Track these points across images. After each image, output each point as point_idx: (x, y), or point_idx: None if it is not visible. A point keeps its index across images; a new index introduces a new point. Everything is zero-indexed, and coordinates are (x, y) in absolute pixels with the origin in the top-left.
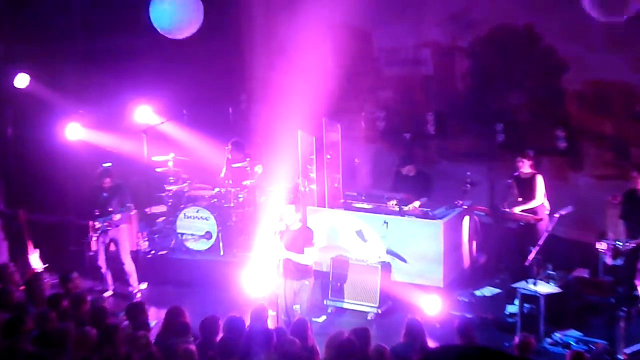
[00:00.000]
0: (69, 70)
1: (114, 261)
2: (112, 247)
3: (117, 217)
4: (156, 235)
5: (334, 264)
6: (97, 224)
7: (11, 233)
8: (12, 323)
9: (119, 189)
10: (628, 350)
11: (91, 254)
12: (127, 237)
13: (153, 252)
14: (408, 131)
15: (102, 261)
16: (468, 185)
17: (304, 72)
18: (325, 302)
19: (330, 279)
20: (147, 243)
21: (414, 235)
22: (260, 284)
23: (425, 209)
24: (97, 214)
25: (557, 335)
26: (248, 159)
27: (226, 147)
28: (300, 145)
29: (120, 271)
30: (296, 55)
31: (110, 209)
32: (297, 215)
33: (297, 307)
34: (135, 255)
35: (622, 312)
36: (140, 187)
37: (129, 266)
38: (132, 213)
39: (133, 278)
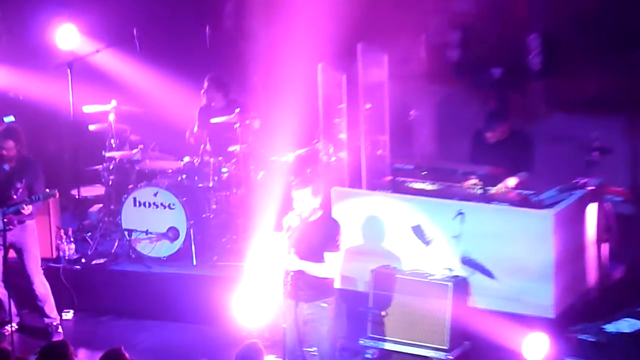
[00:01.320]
0: None
1: (19, 277)
2: (14, 255)
3: (26, 209)
4: (88, 234)
5: (376, 280)
6: None
7: None
8: None
9: (27, 164)
10: None
11: None
12: (36, 239)
13: (83, 260)
14: (498, 66)
15: None
16: (595, 154)
17: None
18: (361, 342)
19: (370, 304)
20: (73, 246)
21: (508, 234)
22: (255, 311)
23: (525, 192)
24: None
25: None
26: (237, 110)
27: (201, 90)
28: (322, 88)
29: (29, 293)
30: None
31: (12, 196)
32: (316, 200)
33: (313, 349)
34: (54, 267)
35: None
36: (63, 156)
37: (41, 285)
38: (51, 198)
39: (49, 304)
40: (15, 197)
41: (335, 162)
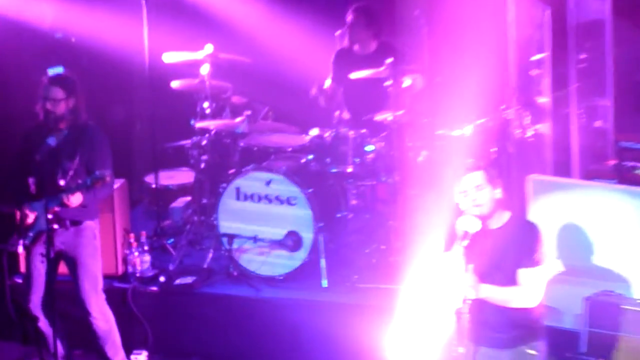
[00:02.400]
0: None
1: (70, 303)
2: (65, 271)
3: (72, 199)
4: (169, 241)
5: (592, 312)
6: (30, 216)
7: None
8: None
9: (84, 133)
10: None
11: (15, 281)
12: (97, 248)
13: (162, 279)
14: None
15: (37, 300)
16: None
17: None
18: None
19: (583, 348)
20: (148, 259)
21: None
22: (414, 357)
23: None
24: (28, 192)
25: None
26: (390, 60)
27: (339, 31)
28: (515, 30)
29: (84, 326)
30: None
31: (60, 181)
32: (496, 194)
33: None
34: (120, 288)
35: None
36: (134, 127)
37: (101, 315)
38: (113, 186)
39: (112, 342)
40: (62, 182)
41: (533, 138)
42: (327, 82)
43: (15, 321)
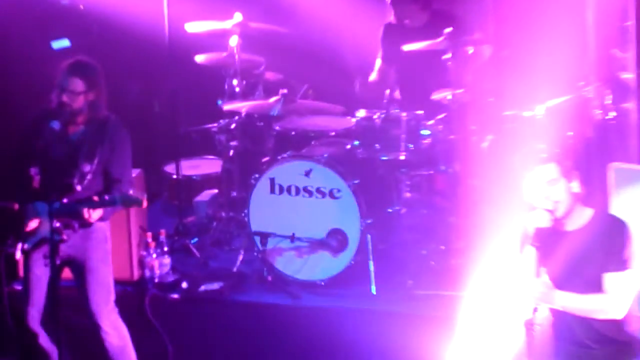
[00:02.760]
0: None
1: (78, 314)
2: (70, 276)
3: (93, 215)
4: (193, 240)
5: None
6: (34, 221)
7: None
8: None
9: (105, 130)
10: None
11: (14, 288)
12: (108, 252)
13: (185, 285)
14: None
15: (37, 314)
16: None
17: None
18: None
19: None
20: (168, 261)
21: None
22: None
23: None
24: (31, 186)
25: None
26: (448, 30)
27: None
28: None
29: (93, 342)
30: None
31: (74, 184)
32: (573, 187)
33: None
34: (136, 295)
35: None
36: (152, 108)
37: (113, 329)
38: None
39: (126, 359)
40: (79, 187)
41: (616, 121)
42: (373, 76)
43: (14, 335)
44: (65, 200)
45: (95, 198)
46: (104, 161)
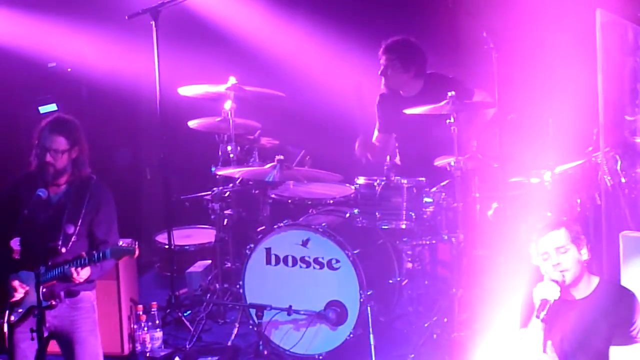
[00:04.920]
0: None
1: None
2: (57, 350)
3: (77, 275)
4: (186, 313)
5: None
6: (20, 290)
7: None
8: None
9: (87, 190)
10: None
11: None
12: (96, 323)
13: None
14: None
15: None
16: None
17: None
18: None
19: None
20: (160, 334)
21: None
22: None
23: None
24: (11, 256)
25: None
26: (451, 94)
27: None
28: (602, 50)
29: None
30: None
31: (59, 247)
32: (582, 256)
33: None
34: None
35: None
36: (143, 175)
37: None
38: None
39: None
40: (63, 249)
41: (627, 187)
42: (375, 133)
43: None
44: (50, 263)
45: (84, 254)
46: (88, 222)
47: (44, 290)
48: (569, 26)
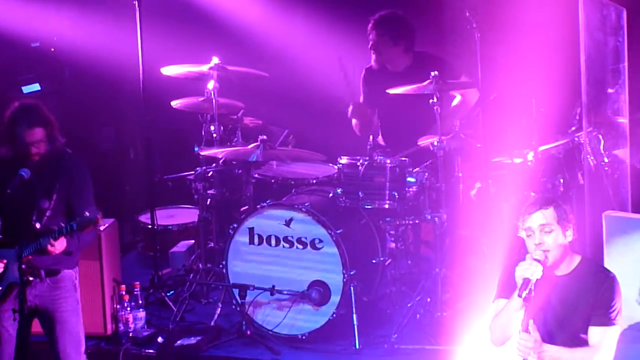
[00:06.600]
0: None
1: None
2: (39, 330)
3: (53, 246)
4: (169, 293)
5: None
6: None
7: None
8: None
9: (62, 164)
10: None
11: None
12: (78, 302)
13: (160, 340)
14: None
15: None
16: None
17: None
18: None
19: None
20: (143, 315)
21: None
22: None
23: None
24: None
25: None
26: (434, 73)
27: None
28: (584, 33)
29: None
30: None
31: (34, 222)
32: (567, 236)
33: None
34: (110, 351)
35: None
36: (126, 155)
37: None
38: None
39: None
40: (37, 225)
41: (609, 167)
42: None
43: None
44: (25, 240)
45: (54, 227)
46: (62, 196)
47: (23, 266)
48: (552, 6)
